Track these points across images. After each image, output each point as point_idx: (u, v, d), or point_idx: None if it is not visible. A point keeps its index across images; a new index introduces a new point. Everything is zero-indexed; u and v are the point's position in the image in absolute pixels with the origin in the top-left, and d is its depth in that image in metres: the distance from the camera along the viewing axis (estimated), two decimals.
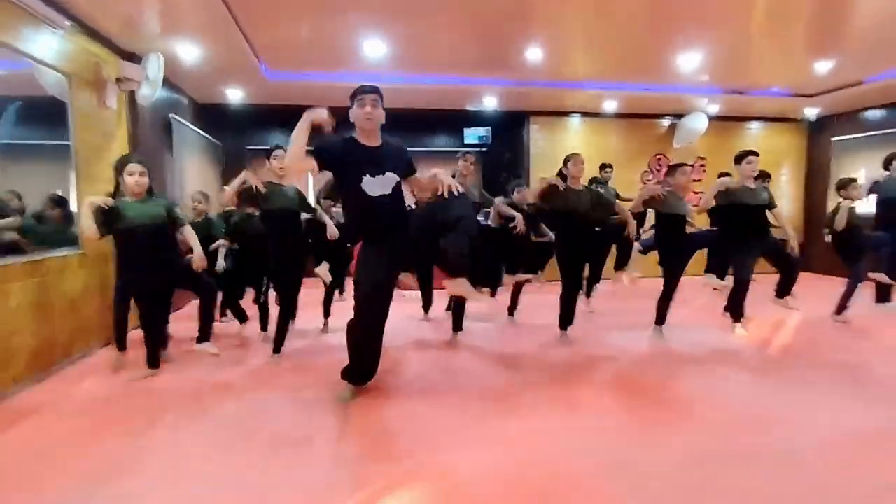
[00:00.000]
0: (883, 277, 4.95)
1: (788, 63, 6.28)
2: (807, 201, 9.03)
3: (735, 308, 4.45)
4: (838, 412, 2.85)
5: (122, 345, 3.70)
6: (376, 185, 2.85)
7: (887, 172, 5.20)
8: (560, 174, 4.23)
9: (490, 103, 7.63)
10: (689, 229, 4.58)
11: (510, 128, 8.30)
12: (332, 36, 5.12)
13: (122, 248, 3.44)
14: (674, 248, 4.28)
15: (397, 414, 2.85)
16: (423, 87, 6.75)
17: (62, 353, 3.77)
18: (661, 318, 4.44)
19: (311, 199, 4.47)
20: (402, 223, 3.01)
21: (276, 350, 3.87)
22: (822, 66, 6.20)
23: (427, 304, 5.21)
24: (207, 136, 7.16)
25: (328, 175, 2.99)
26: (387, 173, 2.87)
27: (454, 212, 3.02)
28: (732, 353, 4.04)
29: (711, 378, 3.43)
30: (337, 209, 4.64)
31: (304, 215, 4.15)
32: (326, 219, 4.21)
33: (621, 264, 5.07)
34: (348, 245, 4.59)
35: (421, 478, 2.15)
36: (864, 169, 7.86)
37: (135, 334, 3.71)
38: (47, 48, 3.74)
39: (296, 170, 3.32)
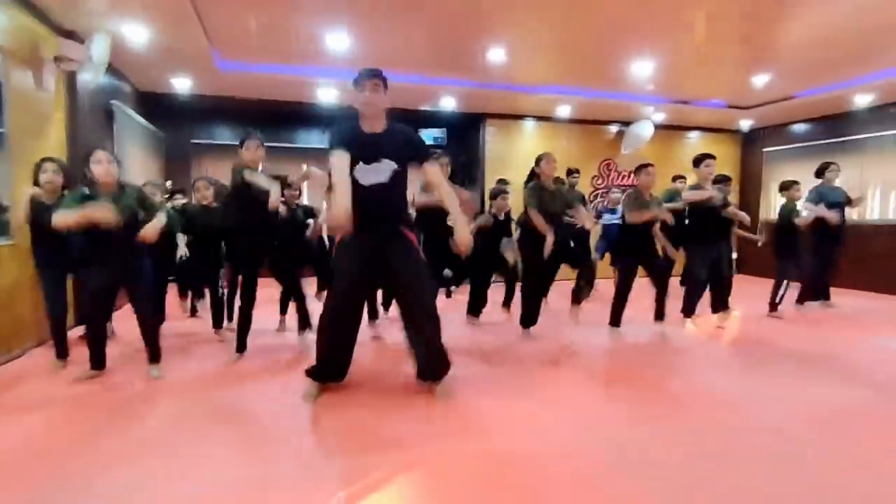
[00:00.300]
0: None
1: (728, 76, 6.68)
2: (740, 208, 9.56)
3: (688, 305, 4.66)
4: (806, 393, 3.06)
5: (63, 350, 3.42)
6: (369, 173, 2.73)
7: (820, 180, 5.64)
8: (532, 173, 4.26)
9: (448, 104, 7.64)
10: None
11: (466, 129, 8.35)
12: (292, 27, 4.97)
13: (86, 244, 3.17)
14: (636, 248, 4.35)
15: (378, 406, 2.77)
16: None
17: None
18: (616, 320, 4.47)
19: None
20: (396, 216, 2.86)
21: (240, 348, 3.68)
22: (759, 80, 6.62)
23: (388, 303, 5.13)
24: (150, 126, 6.75)
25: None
26: (383, 160, 2.73)
27: (414, 287, 2.82)
28: (692, 346, 4.22)
29: (681, 369, 3.59)
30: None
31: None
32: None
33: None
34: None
35: (409, 469, 2.09)
36: (792, 179, 8.46)
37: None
38: None
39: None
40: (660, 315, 4.46)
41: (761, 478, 2.04)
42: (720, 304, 4.82)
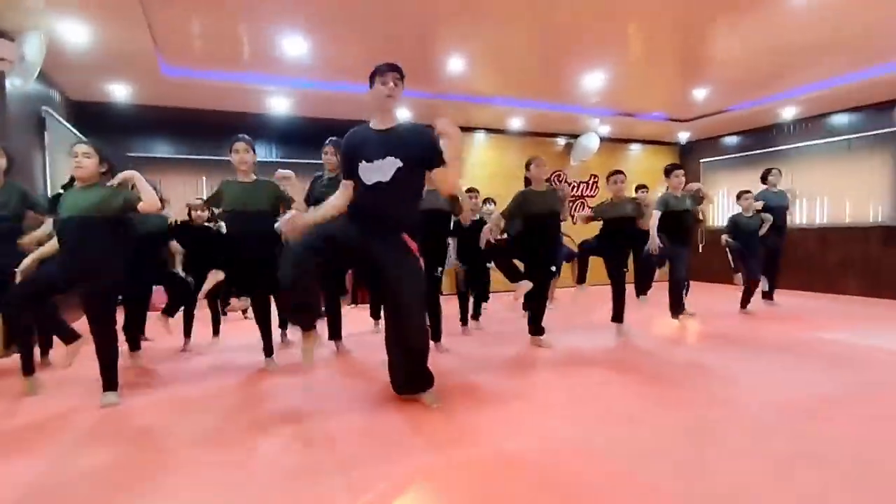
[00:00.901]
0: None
1: (669, 91, 7.07)
2: None
3: (674, 303, 4.85)
4: (790, 380, 3.23)
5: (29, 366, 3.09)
6: (373, 171, 2.57)
7: (765, 186, 6.05)
8: (525, 178, 4.25)
9: (401, 115, 7.60)
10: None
11: None
12: (245, 33, 4.80)
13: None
14: (618, 249, 4.49)
15: (379, 414, 2.64)
16: (333, 95, 6.53)
17: None
18: (619, 316, 4.60)
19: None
20: (397, 219, 2.67)
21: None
22: (699, 94, 7.03)
23: (376, 312, 5.01)
24: (82, 137, 6.27)
25: None
26: (387, 158, 2.56)
27: (404, 298, 2.63)
28: (684, 341, 4.40)
29: (676, 362, 3.70)
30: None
31: None
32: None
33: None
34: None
35: (416, 478, 1.97)
36: (726, 187, 9.01)
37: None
38: None
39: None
40: (618, 316, 4.61)
41: (766, 473, 2.08)
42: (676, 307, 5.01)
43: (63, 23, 4.19)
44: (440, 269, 4.11)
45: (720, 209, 9.21)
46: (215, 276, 3.42)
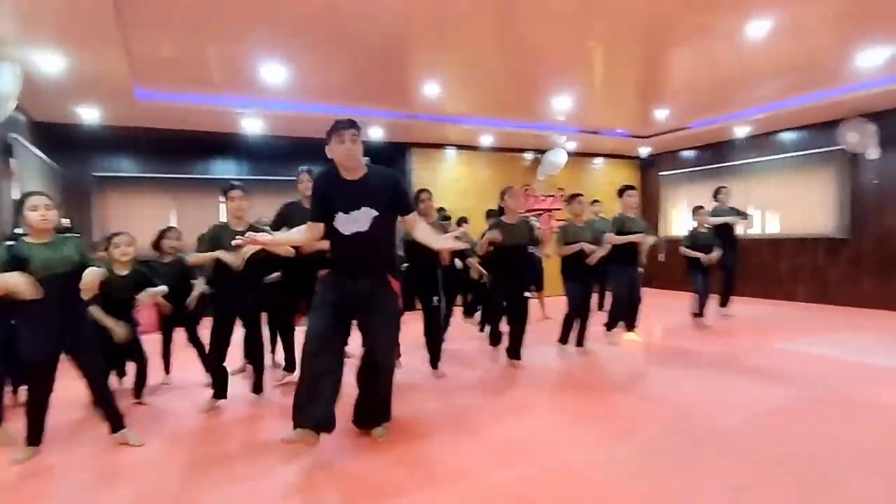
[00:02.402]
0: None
1: (631, 110, 7.43)
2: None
3: (628, 320, 5.08)
4: (743, 393, 3.49)
5: None
6: (349, 222, 2.66)
7: (715, 203, 6.42)
8: (499, 207, 4.38)
9: (375, 134, 7.69)
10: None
11: (393, 158, 8.41)
12: (218, 57, 4.81)
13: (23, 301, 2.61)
14: (581, 272, 4.61)
15: (353, 450, 2.73)
16: (308, 116, 6.58)
17: None
18: (566, 338, 4.77)
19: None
20: (380, 263, 2.78)
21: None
22: (660, 114, 7.41)
23: None
24: (46, 159, 6.11)
25: None
26: (363, 208, 2.65)
27: (381, 344, 2.80)
28: (637, 355, 4.61)
29: (633, 376, 3.88)
30: None
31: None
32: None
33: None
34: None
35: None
36: (685, 199, 9.46)
37: None
38: None
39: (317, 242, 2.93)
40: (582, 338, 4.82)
41: (740, 478, 2.29)
42: (632, 323, 5.26)
43: (38, 53, 4.13)
44: (436, 298, 4.19)
45: (678, 221, 9.67)
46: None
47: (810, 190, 7.76)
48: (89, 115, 6.02)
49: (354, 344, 2.94)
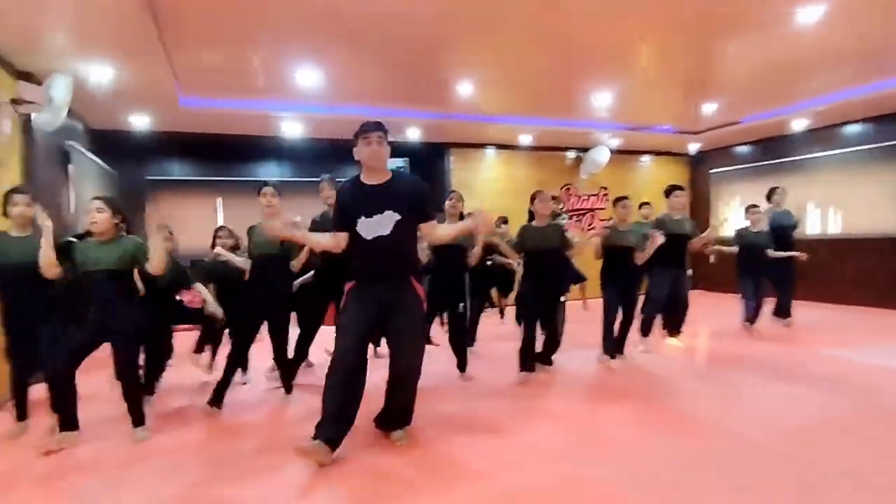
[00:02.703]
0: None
1: (678, 105, 7.11)
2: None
3: (672, 325, 4.86)
4: (789, 405, 3.27)
5: (23, 412, 3.16)
6: (372, 226, 2.66)
7: (769, 205, 6.01)
8: (529, 211, 4.29)
9: (413, 135, 7.71)
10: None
11: (431, 159, 8.43)
12: (256, 63, 4.92)
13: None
14: (621, 278, 4.41)
15: (380, 456, 2.72)
16: (346, 118, 6.66)
17: None
18: (611, 346, 4.52)
19: None
20: (403, 267, 2.76)
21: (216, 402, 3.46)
22: (708, 108, 7.07)
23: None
24: (103, 164, 6.47)
25: None
26: (385, 212, 2.66)
27: (408, 349, 2.76)
28: (678, 363, 4.42)
29: (670, 385, 3.70)
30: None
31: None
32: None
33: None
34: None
35: None
36: (737, 197, 8.99)
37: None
38: None
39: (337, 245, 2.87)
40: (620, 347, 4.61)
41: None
42: (676, 328, 5.02)
43: (88, 64, 4.37)
44: (462, 304, 4.13)
45: (730, 220, 9.20)
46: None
47: (875, 186, 7.20)
48: (140, 121, 6.33)
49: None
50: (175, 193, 7.55)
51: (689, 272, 4.98)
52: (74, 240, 3.10)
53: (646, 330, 4.93)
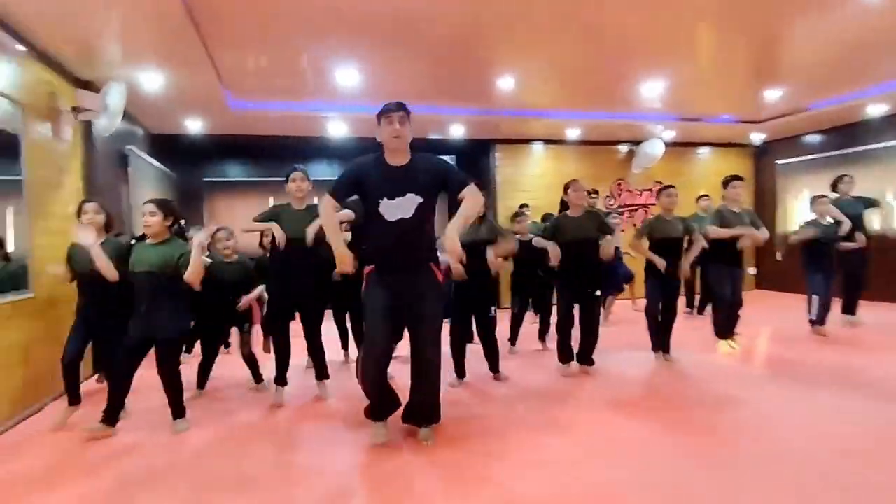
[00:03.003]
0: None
1: (738, 92, 6.67)
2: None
3: (721, 327, 4.58)
4: (849, 416, 2.98)
5: (75, 397, 3.34)
6: (394, 209, 2.64)
7: (836, 194, 5.57)
8: (562, 201, 4.18)
9: (457, 132, 7.66)
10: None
11: (476, 156, 8.35)
12: (301, 65, 5.01)
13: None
14: (660, 272, 4.21)
15: (399, 456, 2.69)
16: None
17: (9, 408, 3.36)
18: (658, 343, 4.40)
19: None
20: (423, 251, 2.74)
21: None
22: (771, 95, 6.59)
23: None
24: (162, 167, 6.81)
25: None
26: (408, 194, 2.63)
27: (425, 334, 2.74)
28: (730, 367, 4.15)
29: (713, 392, 3.46)
30: None
31: None
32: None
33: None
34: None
35: None
36: (806, 190, 8.36)
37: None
38: (1, 77, 3.44)
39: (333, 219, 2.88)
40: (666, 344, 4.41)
41: None
42: (729, 330, 4.71)
43: (140, 71, 4.59)
44: (493, 308, 4.06)
45: (797, 215, 8.57)
46: None
47: None
48: (194, 125, 6.61)
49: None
50: (230, 194, 7.87)
51: (753, 270, 4.66)
52: (134, 241, 3.31)
53: (721, 332, 4.66)
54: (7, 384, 3.34)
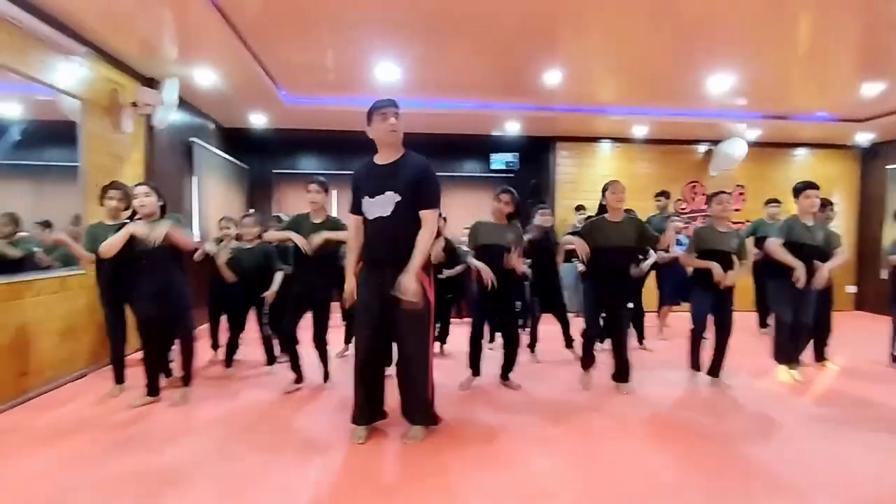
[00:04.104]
0: None
1: (834, 86, 5.85)
2: (860, 234, 8.33)
3: (781, 352, 4.08)
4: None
5: (120, 376, 3.63)
6: (375, 206, 2.69)
7: None
8: (600, 205, 3.89)
9: (513, 128, 7.45)
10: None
11: (537, 153, 8.09)
12: (349, 60, 5.09)
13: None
14: (715, 285, 3.76)
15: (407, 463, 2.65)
16: (444, 112, 6.65)
17: (53, 375, 3.75)
18: (696, 362, 4.01)
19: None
20: (403, 251, 2.61)
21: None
22: (871, 89, 5.73)
23: (443, 335, 4.97)
24: (233, 159, 7.27)
25: None
26: (387, 192, 2.65)
27: (403, 332, 2.75)
28: (783, 398, 3.71)
29: (763, 426, 3.07)
30: None
31: None
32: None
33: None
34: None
35: None
36: None
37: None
38: (62, 75, 3.83)
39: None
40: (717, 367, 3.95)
41: None
42: (793, 356, 4.16)
43: (194, 69, 4.92)
44: (518, 303, 3.92)
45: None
46: None
47: None
48: (258, 119, 6.99)
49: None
50: (297, 186, 8.22)
51: (852, 289, 4.05)
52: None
53: (781, 357, 4.16)
54: (56, 349, 3.74)
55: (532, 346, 4.79)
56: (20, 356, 3.45)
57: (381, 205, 2.66)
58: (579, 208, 6.83)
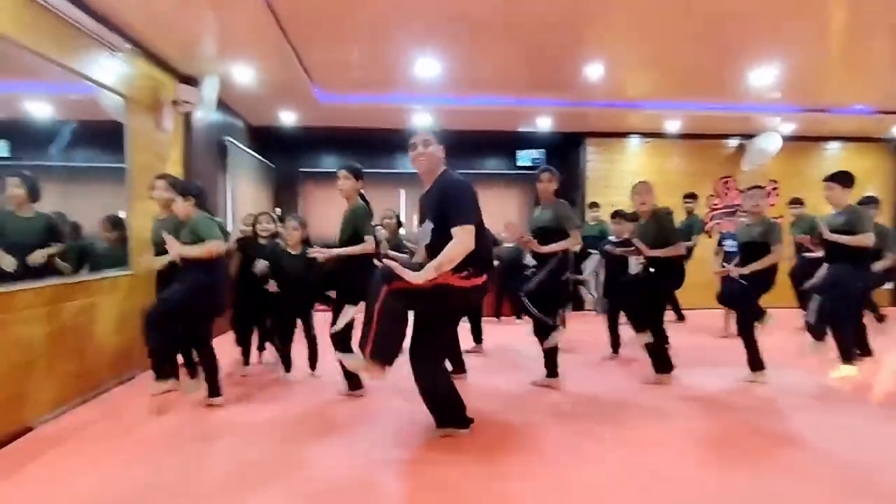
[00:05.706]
0: None
1: (872, 78, 5.73)
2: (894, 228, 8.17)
3: (841, 346, 3.99)
4: None
5: (163, 371, 3.57)
6: (422, 238, 2.72)
7: None
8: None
9: (544, 124, 7.38)
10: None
11: (565, 150, 8.00)
12: (383, 58, 5.04)
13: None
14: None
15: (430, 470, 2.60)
16: (474, 109, 6.58)
17: (108, 375, 3.74)
18: (756, 362, 3.91)
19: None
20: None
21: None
22: None
23: (477, 334, 4.93)
24: (261, 158, 7.25)
25: None
26: (426, 222, 2.68)
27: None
28: (834, 394, 3.63)
29: (808, 423, 2.99)
30: None
31: None
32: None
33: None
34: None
35: None
36: None
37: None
38: (107, 71, 3.80)
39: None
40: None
41: None
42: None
43: (232, 67, 4.88)
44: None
45: None
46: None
47: None
48: (288, 117, 6.95)
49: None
50: (324, 184, 8.19)
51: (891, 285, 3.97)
52: None
53: (845, 356, 4.04)
54: (107, 348, 3.73)
55: (615, 348, 4.64)
56: (75, 358, 3.43)
57: (424, 236, 2.67)
58: (593, 205, 6.72)
